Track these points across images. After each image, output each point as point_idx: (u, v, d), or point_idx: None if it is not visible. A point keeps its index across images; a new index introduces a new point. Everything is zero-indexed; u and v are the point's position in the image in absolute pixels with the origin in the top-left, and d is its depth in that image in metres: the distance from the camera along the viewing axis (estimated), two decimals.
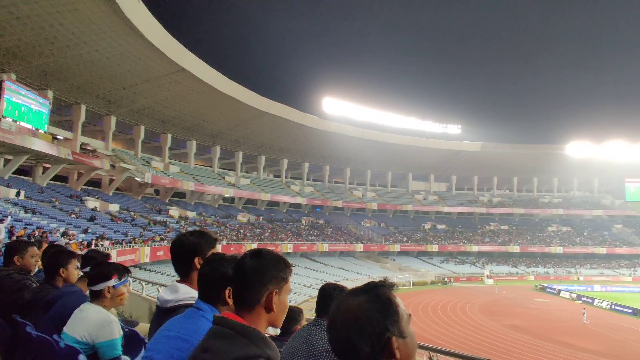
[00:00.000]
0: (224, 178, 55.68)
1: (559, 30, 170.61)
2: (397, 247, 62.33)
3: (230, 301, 1.85)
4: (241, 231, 49.22)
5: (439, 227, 70.93)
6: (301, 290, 39.96)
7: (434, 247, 64.31)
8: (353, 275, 49.68)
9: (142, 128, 45.04)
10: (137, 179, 41.92)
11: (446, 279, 56.92)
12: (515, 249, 66.69)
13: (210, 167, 56.26)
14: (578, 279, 60.27)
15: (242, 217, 54.16)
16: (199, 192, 51.10)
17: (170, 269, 27.52)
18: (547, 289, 52.29)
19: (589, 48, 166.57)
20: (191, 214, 47.81)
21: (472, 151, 70.12)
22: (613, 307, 41.54)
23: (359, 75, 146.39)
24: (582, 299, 45.66)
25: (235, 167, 58.31)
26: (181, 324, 1.84)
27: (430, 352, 4.85)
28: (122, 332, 2.80)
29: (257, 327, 1.48)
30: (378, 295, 1.23)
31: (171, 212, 45.48)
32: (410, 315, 1.26)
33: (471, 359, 4.85)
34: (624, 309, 40.21)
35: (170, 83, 40.17)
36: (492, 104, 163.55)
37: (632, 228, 73.50)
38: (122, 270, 2.97)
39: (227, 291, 1.87)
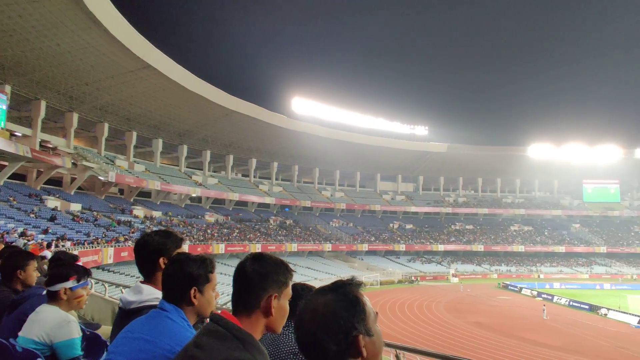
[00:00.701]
0: (191, 177, 54.81)
1: (523, 39, 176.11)
2: (365, 247, 62.90)
3: (196, 301, 1.82)
4: (208, 231, 48.55)
5: (407, 226, 71.97)
6: None
7: (402, 247, 65.23)
8: (321, 275, 49.79)
9: (106, 125, 43.76)
10: (100, 177, 40.70)
11: (413, 277, 57.80)
12: (480, 248, 68.38)
13: (177, 166, 55.27)
14: (539, 276, 62.29)
15: (210, 217, 53.46)
16: (165, 191, 50.13)
17: (134, 270, 26.85)
18: (509, 287, 53.83)
19: (550, 56, 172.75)
20: (157, 214, 46.83)
21: (438, 152, 71.47)
22: (571, 303, 43.11)
23: (329, 76, 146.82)
24: (542, 296, 47.22)
25: (202, 166, 57.47)
26: (145, 325, 1.78)
27: (397, 350, 4.91)
28: (81, 333, 2.72)
29: (254, 331, 1.47)
30: (345, 294, 1.23)
31: (136, 212, 44.43)
32: (377, 313, 1.27)
33: (436, 356, 4.93)
34: (581, 305, 41.79)
35: (135, 80, 39.22)
36: (459, 106, 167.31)
37: (588, 227, 76.56)
38: (81, 272, 2.86)
39: (192, 291, 1.82)
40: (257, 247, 49.76)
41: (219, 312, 1.49)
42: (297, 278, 2.86)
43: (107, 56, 34.87)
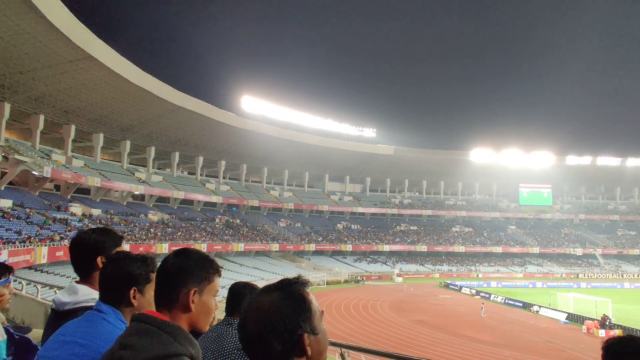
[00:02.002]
0: (133, 174, 52.83)
1: (466, 51, 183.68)
2: (312, 247, 63.15)
3: (135, 302, 1.74)
4: (152, 230, 47.01)
5: (353, 227, 72.96)
6: None
7: (348, 247, 66.04)
8: (268, 275, 49.47)
9: (42, 117, 41.23)
10: (34, 172, 38.32)
11: (359, 277, 58.63)
12: (423, 248, 70.47)
13: (119, 162, 53.10)
14: (477, 276, 65.00)
15: (153, 216, 51.75)
16: (106, 188, 47.98)
17: (70, 270, 25.57)
18: (450, 286, 55.78)
19: (491, 67, 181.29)
20: (96, 212, 44.77)
21: (386, 154, 73.02)
22: (507, 301, 45.27)
23: (279, 76, 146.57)
24: (481, 294, 49.28)
25: (146, 163, 55.53)
26: (79, 328, 1.68)
27: (342, 349, 4.97)
28: (6, 336, 2.53)
29: None
30: (291, 292, 1.22)
31: (73, 210, 42.25)
32: (322, 312, 1.27)
33: (380, 354, 5.05)
34: (516, 303, 43.99)
35: (75, 70, 37.27)
36: (406, 110, 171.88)
37: (524, 229, 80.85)
38: (1, 270, 2.66)
39: (132, 292, 1.74)
40: (202, 247, 48.66)
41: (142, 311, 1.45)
42: (243, 278, 2.80)
43: (44, 44, 32.91)
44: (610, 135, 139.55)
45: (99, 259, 2.06)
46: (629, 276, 67.31)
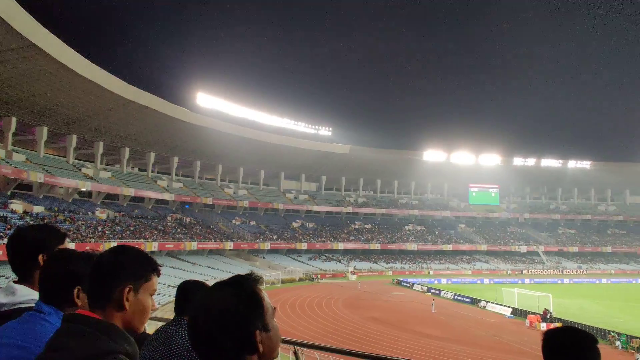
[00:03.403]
0: (80, 170, 50.57)
1: (420, 55, 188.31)
2: (267, 245, 62.77)
3: (79, 302, 1.66)
4: (99, 228, 45.22)
5: (308, 225, 73.09)
6: (166, 290, 37.96)
7: (303, 245, 66.12)
8: (222, 274, 48.65)
9: None
10: None
11: (313, 275, 58.82)
12: (377, 246, 71.60)
13: (65, 157, 50.67)
14: (429, 273, 66.73)
15: (101, 214, 49.74)
16: (50, 184, 45.65)
17: (8, 270, 24.18)
18: (402, 283, 56.98)
19: (444, 71, 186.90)
20: (39, 209, 42.54)
21: (341, 153, 73.60)
22: (456, 297, 46.75)
23: (236, 73, 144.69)
24: (432, 291, 50.64)
25: (94, 158, 53.32)
26: (17, 330, 1.57)
27: (295, 347, 4.95)
28: None
29: None
30: (243, 289, 1.20)
31: (13, 207, 39.96)
32: (275, 308, 1.25)
33: (333, 350, 5.08)
34: (464, 299, 45.51)
35: (17, 59, 35.24)
36: (361, 110, 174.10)
37: (473, 227, 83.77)
38: None
39: (76, 291, 1.66)
40: (153, 246, 47.36)
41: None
42: (196, 277, 2.72)
43: None
44: (553, 138, 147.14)
45: (40, 257, 1.93)
46: (569, 272, 71.20)
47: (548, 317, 33.83)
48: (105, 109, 47.33)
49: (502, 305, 41.03)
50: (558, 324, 31.57)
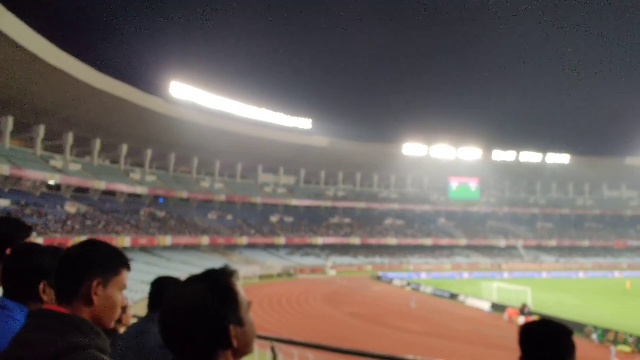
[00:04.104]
0: (48, 162, 48.56)
1: (399, 48, 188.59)
2: (244, 240, 61.62)
3: (45, 297, 1.61)
4: (68, 223, 43.56)
5: (287, 219, 72.13)
6: (139, 287, 36.65)
7: (281, 240, 65.15)
8: (197, 270, 44.29)
9: None
10: None
11: (292, 270, 58.03)
12: (356, 240, 71.09)
13: (32, 148, 48.61)
14: (409, 267, 66.59)
15: (71, 207, 47.92)
16: (16, 177, 43.73)
17: None
18: (382, 278, 56.65)
19: (423, 65, 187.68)
20: (4, 203, 40.82)
21: (320, 146, 72.72)
22: (435, 291, 46.51)
23: (211, 62, 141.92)
24: (411, 285, 50.36)
25: (63, 150, 51.33)
26: None
27: (272, 343, 4.44)
28: None
29: None
30: (217, 282, 1.18)
31: None
32: (250, 302, 1.22)
33: (311, 346, 4.69)
34: (444, 293, 45.29)
35: None
36: (341, 102, 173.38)
37: (452, 221, 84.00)
38: None
39: (41, 286, 1.62)
40: (125, 241, 45.86)
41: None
42: (170, 273, 2.76)
43: None
44: (532, 133, 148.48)
45: (8, 252, 1.84)
46: (547, 266, 71.94)
47: (526, 311, 33.66)
48: (74, 99, 45.42)
49: (481, 299, 40.89)
50: (535, 318, 31.42)
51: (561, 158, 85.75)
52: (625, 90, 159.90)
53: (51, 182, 47.67)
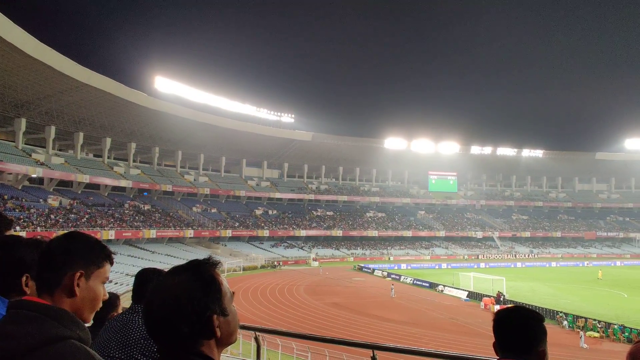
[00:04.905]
0: (30, 155, 48.30)
1: (382, 43, 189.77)
2: (229, 233, 62.17)
3: (28, 290, 1.61)
4: (52, 216, 43.54)
5: (271, 212, 72.85)
6: (124, 279, 37.14)
7: (265, 232, 65.90)
8: (182, 263, 47.82)
9: None
10: None
11: (275, 262, 58.85)
12: (339, 233, 72.26)
13: (14, 141, 48.27)
14: (389, 259, 68.00)
15: (54, 201, 47.80)
16: None
17: None
18: (363, 269, 57.87)
19: (405, 61, 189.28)
20: None
21: (303, 140, 73.47)
22: (415, 282, 47.91)
23: (196, 58, 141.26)
24: (392, 276, 51.69)
25: (46, 143, 51.06)
26: None
27: (256, 332, 4.96)
28: None
29: None
30: (200, 273, 1.19)
31: None
32: (233, 293, 1.24)
33: (294, 335, 5.13)
34: (423, 283, 46.72)
35: None
36: (324, 97, 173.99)
37: (432, 214, 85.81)
38: None
39: (24, 279, 1.61)
40: (110, 234, 46.08)
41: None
42: (155, 266, 2.80)
43: None
44: (509, 128, 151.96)
45: None
46: (521, 256, 74.26)
47: (501, 299, 35.19)
48: (57, 92, 45.26)
49: (458, 289, 42.37)
50: (510, 306, 33.01)
51: (535, 153, 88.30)
52: (597, 89, 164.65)
53: (34, 175, 47.48)
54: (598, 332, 28.06)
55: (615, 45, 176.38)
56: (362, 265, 59.98)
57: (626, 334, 26.59)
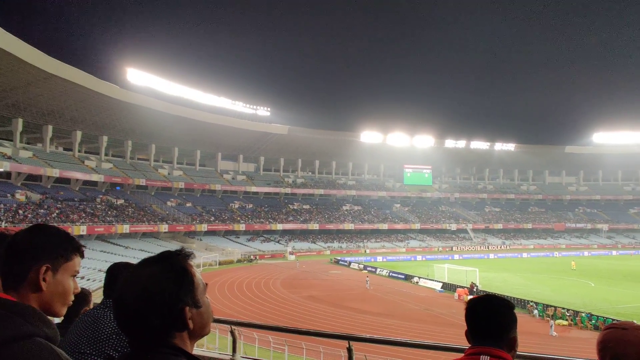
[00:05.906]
0: None
1: (358, 38, 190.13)
2: (204, 227, 61.58)
3: None
4: (20, 212, 42.32)
5: (247, 206, 72.45)
6: (96, 275, 36.37)
7: (241, 226, 65.53)
8: None
9: None
10: None
11: (252, 256, 58.63)
12: (315, 226, 72.41)
13: None
14: (365, 251, 68.54)
15: (21, 196, 46.45)
16: None
17: None
18: (340, 262, 58.18)
19: (381, 56, 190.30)
20: None
21: (279, 134, 73.16)
22: (391, 274, 48.43)
23: (170, 50, 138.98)
24: (368, 268, 52.12)
25: (12, 136, 49.45)
26: None
27: (232, 326, 4.90)
28: None
29: None
30: (172, 265, 1.16)
31: None
32: (206, 285, 1.22)
33: (270, 328, 5.11)
34: (399, 275, 47.27)
35: None
36: (299, 91, 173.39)
37: (407, 207, 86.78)
38: None
39: None
40: (81, 229, 45.03)
41: None
42: (129, 261, 2.69)
43: None
44: (482, 122, 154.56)
45: None
46: (494, 248, 75.92)
47: (475, 290, 35.89)
48: (24, 83, 43.84)
49: (433, 280, 43.01)
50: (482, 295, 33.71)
51: (508, 146, 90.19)
52: (566, 84, 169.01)
53: (0, 169, 45.98)
54: (567, 320, 28.90)
55: (584, 43, 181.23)
56: (339, 258, 60.29)
57: (593, 321, 27.48)
